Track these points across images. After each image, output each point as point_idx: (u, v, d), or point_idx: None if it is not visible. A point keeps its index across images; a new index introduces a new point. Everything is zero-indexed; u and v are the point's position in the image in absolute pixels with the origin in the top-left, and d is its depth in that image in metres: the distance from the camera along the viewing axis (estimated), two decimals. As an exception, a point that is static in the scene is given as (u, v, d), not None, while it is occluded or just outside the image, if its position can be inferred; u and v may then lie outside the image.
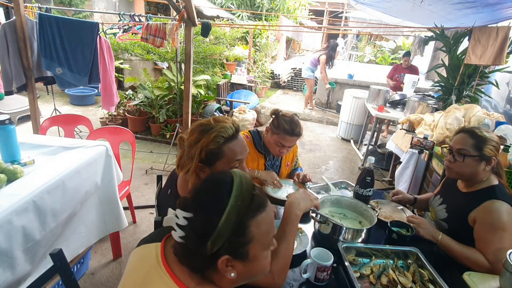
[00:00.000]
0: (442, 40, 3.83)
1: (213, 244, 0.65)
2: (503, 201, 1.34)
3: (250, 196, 0.70)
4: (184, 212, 0.68)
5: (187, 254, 0.70)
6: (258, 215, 0.70)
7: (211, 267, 0.68)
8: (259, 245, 0.71)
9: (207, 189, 0.73)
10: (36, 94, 3.27)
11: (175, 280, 0.69)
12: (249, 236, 0.68)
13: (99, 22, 3.22)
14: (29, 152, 1.82)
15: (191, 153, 1.06)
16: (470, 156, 1.40)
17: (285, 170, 2.03)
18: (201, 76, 5.11)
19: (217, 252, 0.66)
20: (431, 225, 1.48)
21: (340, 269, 1.24)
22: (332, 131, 5.94)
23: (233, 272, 0.69)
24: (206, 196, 0.71)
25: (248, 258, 0.70)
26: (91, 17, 6.74)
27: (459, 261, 1.34)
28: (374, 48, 11.87)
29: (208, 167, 1.07)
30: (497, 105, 4.17)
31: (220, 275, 0.70)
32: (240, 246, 0.68)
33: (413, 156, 2.90)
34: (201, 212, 0.68)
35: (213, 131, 1.05)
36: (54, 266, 1.11)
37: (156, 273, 0.72)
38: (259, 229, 0.69)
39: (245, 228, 0.68)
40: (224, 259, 0.67)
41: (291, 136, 1.74)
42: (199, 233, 0.66)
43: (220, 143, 1.05)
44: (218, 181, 0.74)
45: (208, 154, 1.05)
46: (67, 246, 1.72)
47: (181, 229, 0.67)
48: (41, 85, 3.62)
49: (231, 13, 9.51)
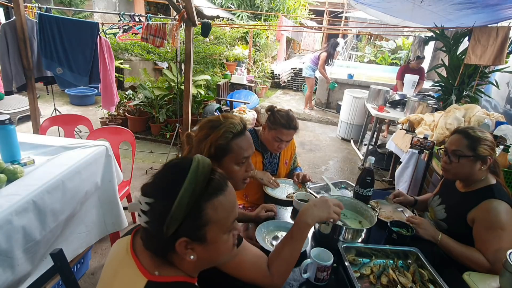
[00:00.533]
0: (442, 40, 3.83)
1: (168, 227, 0.67)
2: (501, 200, 1.34)
3: (206, 180, 0.71)
4: (145, 198, 0.70)
5: (150, 238, 0.72)
6: (214, 198, 0.71)
7: (171, 249, 0.71)
8: (217, 228, 0.73)
9: (165, 174, 0.75)
10: (36, 94, 3.27)
11: (138, 266, 0.72)
12: (205, 218, 0.70)
13: (99, 22, 3.22)
14: (29, 152, 1.82)
15: (200, 149, 1.08)
16: (465, 157, 1.41)
17: (283, 168, 2.03)
18: (201, 76, 5.11)
19: (175, 235, 0.68)
20: (431, 225, 1.49)
21: (340, 269, 1.24)
22: (332, 131, 5.94)
23: (192, 255, 0.71)
24: (164, 181, 0.73)
25: (206, 241, 0.72)
26: (91, 17, 6.74)
27: (459, 261, 1.35)
28: (374, 48, 11.86)
29: (217, 163, 1.08)
30: (497, 105, 4.17)
31: (180, 258, 0.72)
32: (197, 229, 0.70)
33: (413, 156, 2.90)
34: (158, 196, 0.70)
35: (222, 127, 1.08)
36: (54, 266, 1.11)
37: (125, 262, 0.75)
38: (216, 212, 0.71)
39: (201, 211, 0.69)
40: (182, 241, 0.69)
41: (288, 129, 1.77)
42: (157, 217, 0.68)
43: (229, 138, 1.08)
44: (176, 166, 0.75)
45: (217, 149, 1.07)
46: (67, 246, 1.72)
47: (144, 214, 0.69)
48: (41, 85, 3.62)
49: (231, 13, 9.51)
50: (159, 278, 0.71)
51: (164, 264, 0.74)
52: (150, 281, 0.70)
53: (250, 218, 1.55)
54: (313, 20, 11.61)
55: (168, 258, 0.74)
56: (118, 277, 0.75)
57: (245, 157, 1.12)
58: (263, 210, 1.55)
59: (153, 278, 0.71)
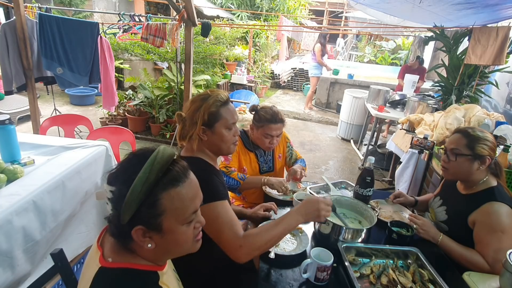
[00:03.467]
0: (442, 40, 3.83)
1: (124, 214, 0.68)
2: (502, 203, 1.34)
3: (163, 170, 0.71)
4: (109, 186, 0.71)
5: (112, 225, 0.74)
6: (170, 188, 0.72)
7: (129, 237, 0.72)
8: (174, 218, 0.74)
9: (127, 163, 0.75)
10: (36, 94, 3.27)
11: (100, 255, 0.75)
12: (160, 208, 0.71)
13: (99, 22, 3.22)
14: (29, 152, 1.82)
15: (194, 119, 1.22)
16: (463, 155, 1.41)
17: (278, 163, 2.04)
18: (201, 76, 5.11)
19: (131, 222, 0.69)
20: (433, 226, 1.48)
21: (340, 269, 1.24)
22: (332, 131, 5.94)
23: (150, 243, 0.73)
24: (124, 170, 0.74)
25: (162, 230, 0.73)
26: (91, 17, 6.74)
27: (459, 263, 1.35)
28: (374, 48, 11.86)
29: (210, 130, 1.23)
30: (497, 105, 4.17)
31: (139, 246, 0.74)
32: (152, 217, 0.71)
33: (413, 156, 2.90)
34: (118, 184, 0.71)
35: (212, 97, 1.24)
36: (55, 266, 1.11)
37: (93, 253, 0.78)
38: (172, 203, 0.72)
39: (155, 200, 0.70)
40: (138, 229, 0.70)
41: (275, 123, 1.79)
42: (118, 204, 0.69)
43: (219, 106, 1.24)
44: (138, 155, 0.75)
45: (210, 115, 1.22)
46: (67, 246, 1.71)
47: (110, 202, 0.71)
48: (41, 85, 3.62)
49: (231, 13, 9.51)
50: (111, 264, 0.73)
51: (122, 251, 0.75)
52: (102, 267, 0.72)
53: (246, 215, 1.60)
54: (313, 20, 11.61)
55: (129, 246, 0.75)
56: (87, 268, 0.77)
57: (233, 122, 1.28)
58: (262, 209, 1.57)
59: (105, 264, 0.73)
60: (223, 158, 1.86)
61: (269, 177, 1.80)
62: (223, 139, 1.26)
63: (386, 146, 3.87)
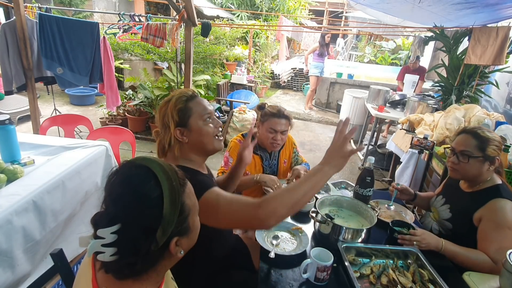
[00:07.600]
0: (442, 40, 3.83)
1: (163, 233, 0.65)
2: (508, 199, 1.34)
3: (175, 173, 0.71)
4: (110, 228, 0.62)
5: (114, 264, 0.64)
6: (186, 187, 0.73)
7: (161, 257, 0.69)
8: (194, 213, 0.75)
9: (123, 191, 0.67)
10: (36, 94, 3.26)
11: (92, 277, 0.70)
12: (186, 210, 0.71)
13: (99, 22, 3.22)
14: (29, 152, 1.82)
15: (165, 123, 1.18)
16: (474, 157, 1.40)
17: (283, 168, 2.03)
18: (201, 76, 5.11)
19: (167, 239, 0.66)
20: (431, 235, 1.41)
21: (340, 269, 1.24)
22: (332, 131, 5.93)
23: (182, 250, 0.71)
24: (128, 196, 0.65)
25: (189, 230, 0.73)
26: (91, 17, 6.74)
27: (465, 265, 1.31)
28: (374, 48, 11.85)
29: (185, 128, 1.16)
30: (497, 105, 4.17)
31: (169, 260, 0.71)
32: (183, 223, 0.70)
33: (413, 156, 2.90)
34: (128, 217, 0.63)
35: (175, 96, 1.20)
36: (54, 266, 1.11)
37: (85, 269, 0.73)
38: (190, 200, 0.73)
39: (183, 205, 0.70)
40: (174, 241, 0.68)
41: (279, 118, 1.80)
42: (131, 239, 0.63)
43: (184, 100, 1.18)
44: (130, 176, 0.68)
45: (179, 113, 1.16)
46: (67, 246, 1.71)
47: (111, 246, 0.62)
48: (41, 85, 3.62)
49: (231, 13, 9.51)
50: None
51: (118, 281, 0.67)
52: None
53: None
54: (313, 20, 11.60)
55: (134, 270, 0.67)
56: (78, 284, 0.74)
57: (208, 113, 1.20)
58: None
59: None
60: (223, 163, 1.85)
61: (262, 174, 1.79)
62: (202, 133, 1.17)
63: (386, 146, 3.87)
